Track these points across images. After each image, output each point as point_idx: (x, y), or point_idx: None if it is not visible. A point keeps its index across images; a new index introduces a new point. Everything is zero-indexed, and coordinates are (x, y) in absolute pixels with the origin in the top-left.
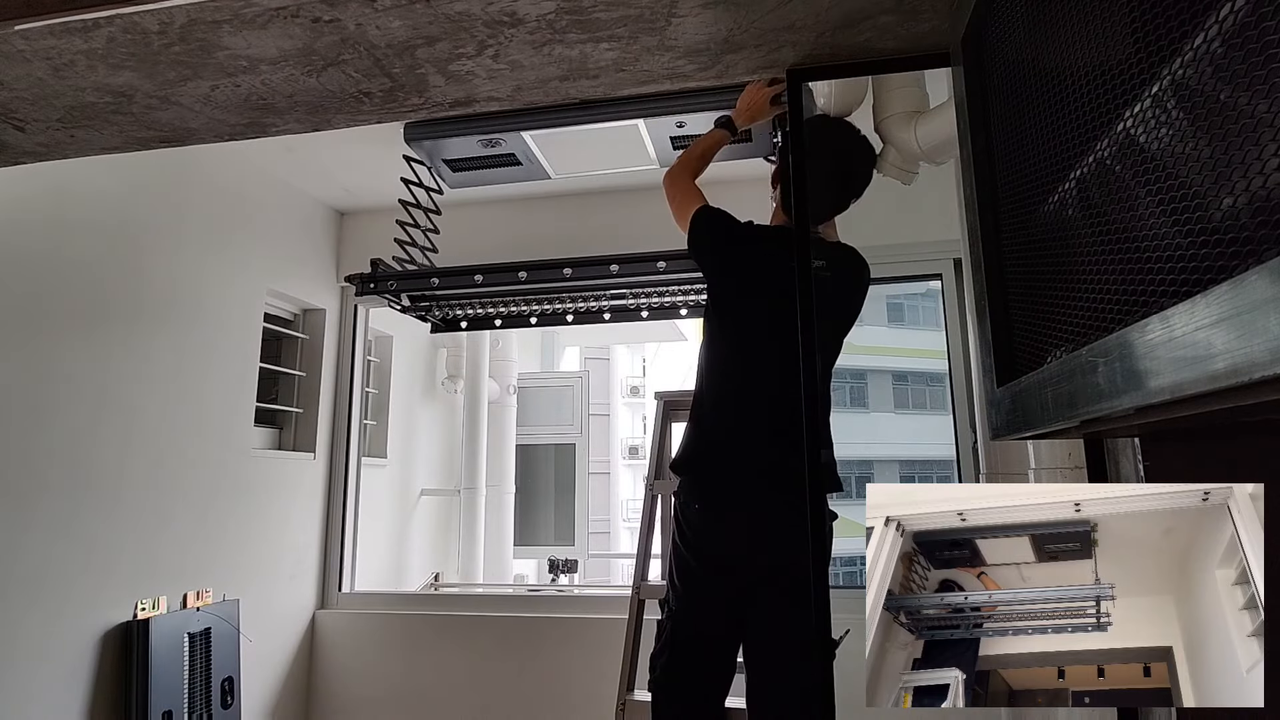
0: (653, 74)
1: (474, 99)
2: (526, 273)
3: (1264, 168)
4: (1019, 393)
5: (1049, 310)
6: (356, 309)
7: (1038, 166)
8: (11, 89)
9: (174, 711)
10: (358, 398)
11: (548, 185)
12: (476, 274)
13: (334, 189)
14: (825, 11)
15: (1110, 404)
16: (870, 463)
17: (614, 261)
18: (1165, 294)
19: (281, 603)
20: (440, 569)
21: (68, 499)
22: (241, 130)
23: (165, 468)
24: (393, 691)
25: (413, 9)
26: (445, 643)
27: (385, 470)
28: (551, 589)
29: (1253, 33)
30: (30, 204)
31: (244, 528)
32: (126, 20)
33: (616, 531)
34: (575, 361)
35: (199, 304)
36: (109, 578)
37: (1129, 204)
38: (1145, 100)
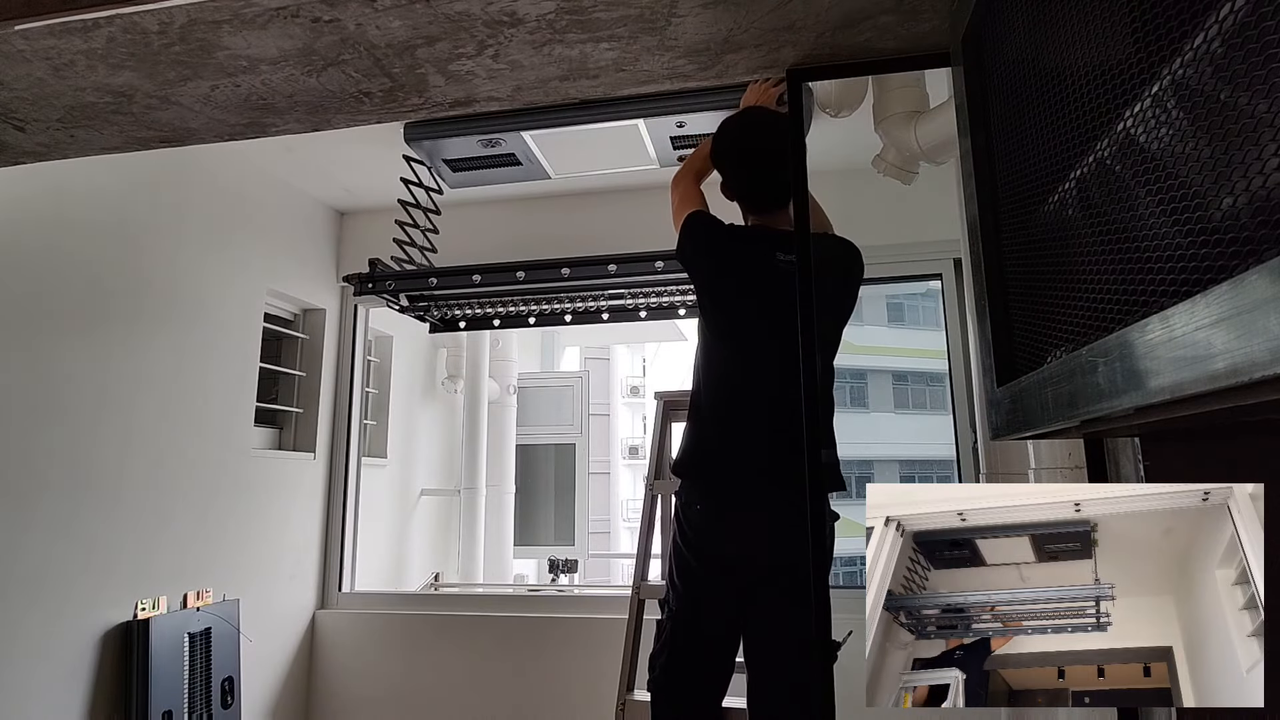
0: (653, 74)
1: (474, 99)
2: (525, 273)
3: (1264, 168)
4: (1019, 393)
5: (1049, 310)
6: (356, 309)
7: (1038, 166)
8: (11, 89)
9: (174, 711)
10: (358, 398)
11: (548, 185)
12: (475, 274)
13: (334, 189)
14: (825, 11)
15: (1110, 404)
16: (870, 463)
17: (612, 261)
18: (1165, 294)
19: (281, 603)
20: (440, 569)
21: (68, 499)
22: (241, 130)
23: (165, 468)
24: (393, 691)
25: (413, 9)
26: (445, 643)
27: (385, 470)
28: (551, 589)
29: (1253, 33)
30: (30, 204)
31: (244, 528)
32: (126, 20)
33: (616, 531)
34: (575, 361)
35: (199, 304)
36: (109, 578)
37: (1129, 204)
38: (1145, 100)
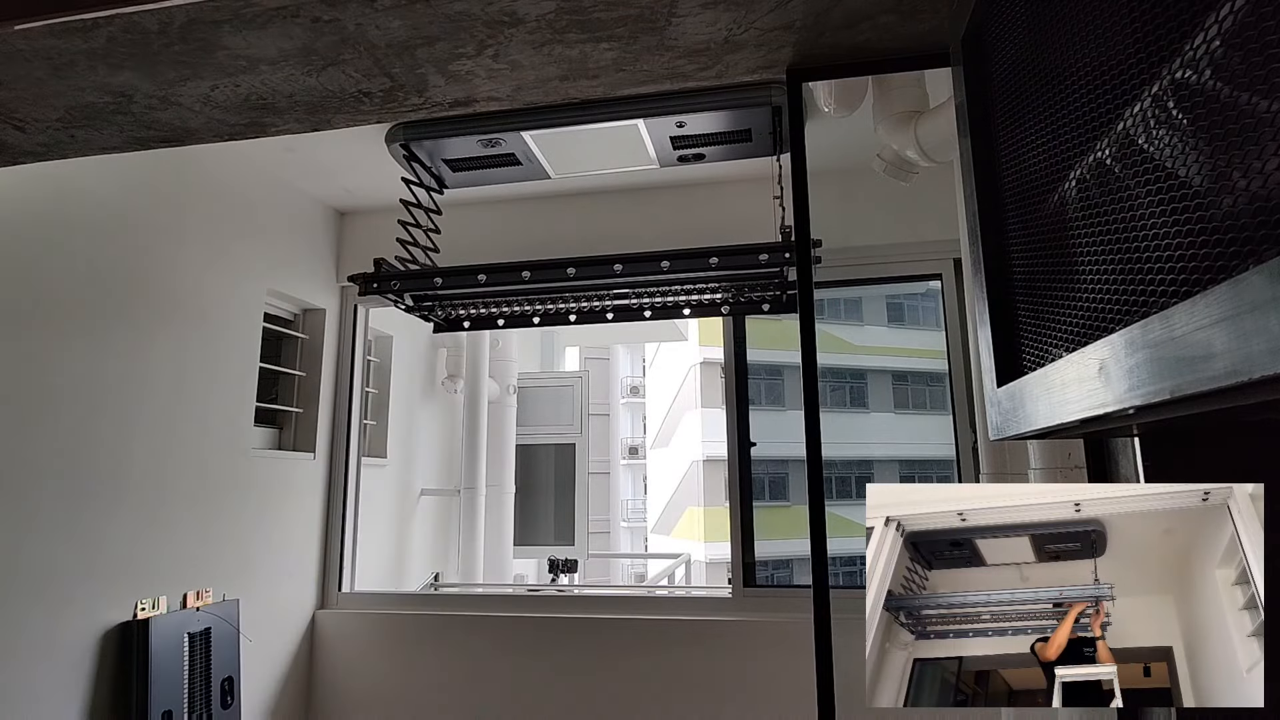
0: (653, 74)
1: (474, 99)
2: (530, 272)
3: (1264, 168)
4: (1019, 392)
5: (1049, 310)
6: (356, 309)
7: (1038, 166)
8: (11, 89)
9: (174, 711)
10: (358, 398)
11: (548, 185)
12: (480, 274)
13: (334, 189)
14: (825, 11)
15: (1110, 404)
16: (870, 463)
17: (618, 261)
18: (1165, 294)
19: (281, 603)
20: (440, 569)
21: (67, 499)
22: (241, 130)
23: (165, 468)
24: (393, 691)
25: (413, 9)
26: (445, 643)
27: (385, 470)
28: (551, 589)
29: (1253, 33)
30: (30, 204)
31: (244, 528)
32: (126, 20)
33: (616, 531)
34: (575, 361)
35: (199, 304)
36: (109, 578)
37: (1129, 204)
38: (1145, 100)
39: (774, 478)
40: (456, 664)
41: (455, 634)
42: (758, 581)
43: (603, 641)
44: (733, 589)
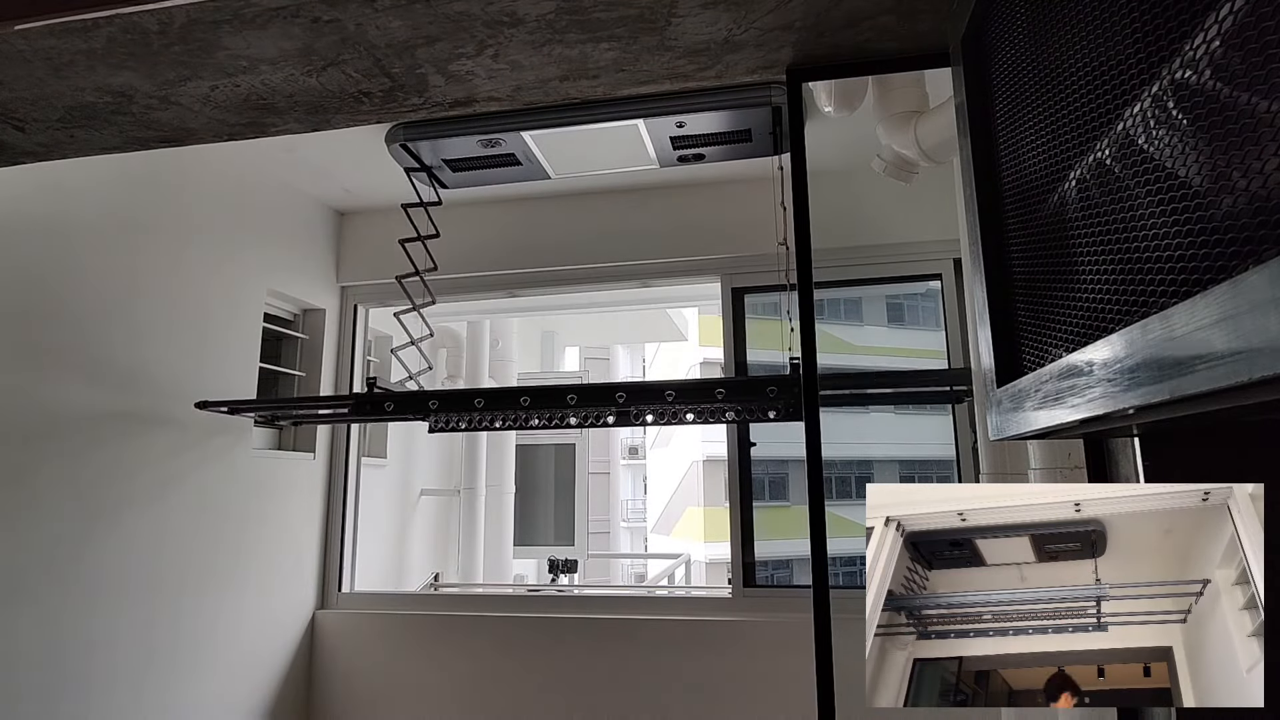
0: (653, 74)
1: (474, 99)
2: (529, 398)
3: (1264, 168)
4: (1019, 393)
5: (1049, 310)
6: (356, 309)
7: (1038, 166)
8: (11, 89)
9: None
10: None
11: (548, 185)
12: (477, 399)
13: (334, 189)
14: (825, 11)
15: (1110, 404)
16: (870, 463)
17: (620, 390)
18: (1165, 294)
19: (281, 603)
20: (440, 569)
21: (67, 499)
22: (241, 130)
23: (165, 468)
24: (393, 691)
25: (412, 9)
26: (445, 643)
27: (385, 470)
28: (551, 589)
29: (1252, 33)
30: (30, 204)
31: (244, 528)
32: (126, 20)
33: (616, 531)
34: (575, 361)
35: (199, 304)
36: (108, 578)
37: (1129, 204)
38: (1145, 100)
39: (774, 478)
40: (456, 664)
41: (455, 634)
42: (758, 581)
43: (603, 642)
44: (733, 589)
